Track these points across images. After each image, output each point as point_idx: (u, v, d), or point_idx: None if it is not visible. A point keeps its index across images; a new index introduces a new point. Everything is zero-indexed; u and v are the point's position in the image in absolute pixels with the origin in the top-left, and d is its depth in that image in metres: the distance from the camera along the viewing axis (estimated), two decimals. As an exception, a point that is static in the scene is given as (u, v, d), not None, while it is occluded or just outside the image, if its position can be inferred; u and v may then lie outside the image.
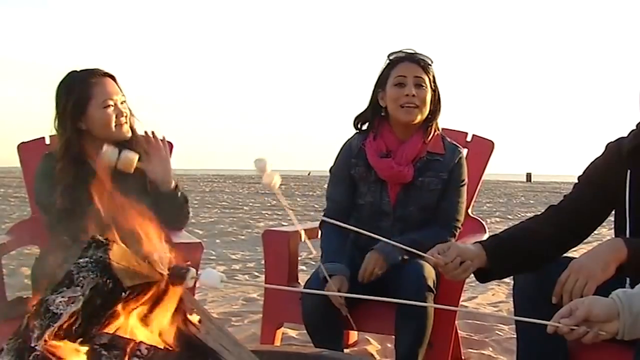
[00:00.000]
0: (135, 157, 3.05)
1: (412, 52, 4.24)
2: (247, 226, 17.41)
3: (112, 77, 4.11)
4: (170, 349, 2.16)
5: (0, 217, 17.97)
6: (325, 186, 4.50)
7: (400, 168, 4.19)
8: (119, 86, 4.14)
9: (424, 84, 4.16)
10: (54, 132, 4.50)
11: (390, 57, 4.26)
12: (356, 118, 4.44)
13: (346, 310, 3.92)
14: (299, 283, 4.71)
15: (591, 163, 3.55)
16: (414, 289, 3.89)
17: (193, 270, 2.42)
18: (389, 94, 4.20)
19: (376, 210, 4.31)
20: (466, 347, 5.56)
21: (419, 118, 4.20)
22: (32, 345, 2.02)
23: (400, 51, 4.25)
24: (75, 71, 4.11)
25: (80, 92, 4.03)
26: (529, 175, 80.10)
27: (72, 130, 4.07)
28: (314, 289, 3.94)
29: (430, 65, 4.23)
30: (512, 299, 3.55)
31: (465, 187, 4.37)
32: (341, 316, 3.96)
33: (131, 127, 4.19)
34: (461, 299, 4.49)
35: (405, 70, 4.16)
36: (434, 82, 4.24)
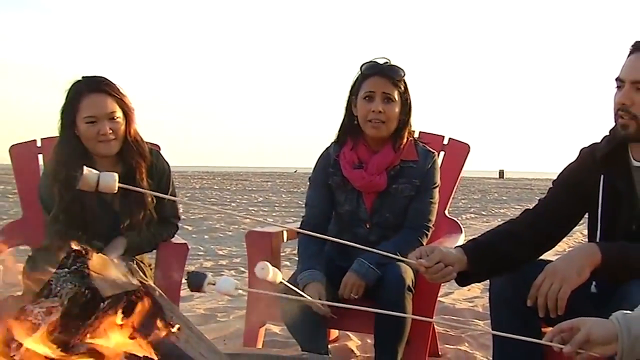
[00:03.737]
0: (115, 177, 2.98)
1: (384, 63, 4.17)
2: (234, 222, 17.41)
3: (106, 90, 4.01)
4: (150, 357, 2.08)
5: (-1, 214, 18.11)
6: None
7: (371, 178, 4.18)
8: (119, 98, 4.05)
9: (392, 99, 4.11)
10: (46, 135, 4.66)
11: (362, 69, 4.20)
12: (339, 130, 4.39)
13: (329, 312, 3.85)
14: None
15: (565, 168, 3.55)
16: (394, 289, 3.90)
17: (210, 276, 2.63)
18: (359, 107, 4.17)
19: (354, 218, 4.30)
20: (443, 342, 5.52)
21: (385, 133, 4.16)
22: (12, 355, 2.01)
23: (372, 62, 4.18)
24: (79, 80, 4.05)
25: (71, 104, 4.00)
26: (501, 172, 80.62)
27: (68, 134, 4.06)
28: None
29: (402, 77, 4.16)
30: (487, 294, 3.54)
31: (438, 189, 4.34)
32: (323, 316, 3.88)
33: (128, 138, 4.13)
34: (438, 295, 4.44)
35: (374, 86, 4.10)
36: (405, 92, 4.19)
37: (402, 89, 4.16)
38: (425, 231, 4.23)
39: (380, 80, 4.10)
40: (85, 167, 3.03)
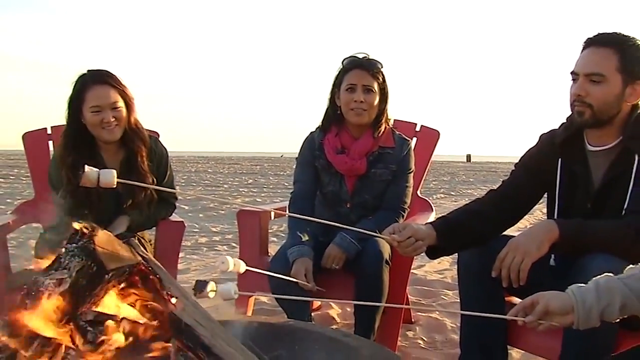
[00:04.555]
0: (114, 173, 3.00)
1: (364, 57, 4.21)
2: (227, 202, 17.38)
3: (109, 82, 4.02)
4: (149, 324, 2.09)
5: (12, 194, 18.31)
6: (295, 166, 4.47)
7: (353, 162, 4.21)
8: (119, 87, 4.06)
9: (372, 89, 4.14)
10: (56, 123, 4.72)
11: (344, 63, 4.23)
12: (323, 119, 4.39)
13: (314, 286, 3.86)
14: (268, 256, 4.64)
15: (526, 152, 3.55)
16: (373, 262, 3.92)
17: (212, 283, 2.70)
18: (342, 97, 4.20)
19: (336, 198, 4.32)
20: (415, 311, 5.53)
21: (366, 120, 4.19)
22: (24, 324, 2.01)
23: (352, 57, 4.22)
24: (84, 73, 4.06)
25: (78, 94, 4.02)
26: (468, 157, 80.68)
27: (74, 122, 4.07)
28: (279, 266, 3.92)
29: (380, 70, 4.19)
30: (455, 267, 3.54)
31: (412, 174, 4.37)
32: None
33: (129, 126, 4.14)
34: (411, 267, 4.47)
35: (355, 78, 4.14)
36: (383, 83, 4.21)
37: (381, 80, 4.18)
38: (401, 212, 4.26)
39: (360, 73, 4.13)
40: (86, 166, 3.02)
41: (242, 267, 3.05)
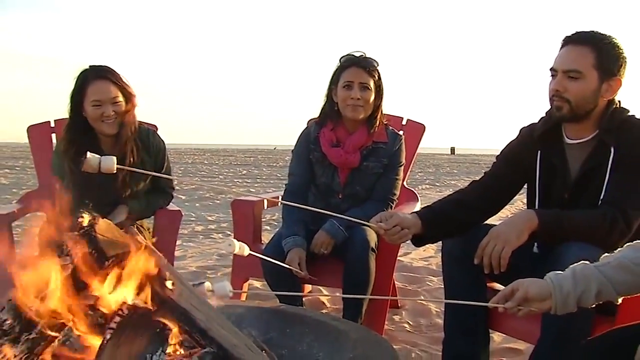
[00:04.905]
0: (114, 160, 3.04)
1: (360, 56, 4.21)
2: (222, 192, 17.37)
3: (108, 78, 4.04)
4: (148, 307, 2.09)
5: (18, 184, 18.38)
6: (287, 158, 4.52)
7: (347, 156, 4.22)
8: (119, 83, 4.07)
9: (368, 87, 4.14)
10: (59, 117, 4.78)
11: (341, 61, 4.23)
12: (320, 113, 4.40)
13: (307, 275, 3.91)
14: (262, 243, 4.69)
15: (507, 145, 3.56)
16: (360, 250, 3.94)
17: (208, 283, 2.87)
18: (339, 94, 4.20)
19: (329, 189, 4.33)
20: (402, 295, 5.54)
21: (362, 115, 4.19)
22: (31, 305, 2.06)
23: (350, 55, 4.22)
24: (86, 69, 4.08)
25: (79, 88, 4.04)
26: (453, 149, 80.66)
27: (76, 114, 4.09)
28: (272, 253, 3.95)
29: (376, 68, 4.19)
30: (440, 254, 3.56)
31: (402, 167, 4.39)
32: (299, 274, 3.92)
33: (126, 121, 4.13)
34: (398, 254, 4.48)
35: (353, 76, 4.13)
36: (379, 80, 4.21)
37: (376, 77, 4.18)
38: (390, 203, 4.28)
39: (357, 71, 4.13)
40: (88, 152, 3.03)
41: (246, 250, 3.10)
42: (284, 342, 2.75)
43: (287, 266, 3.85)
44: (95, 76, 4.02)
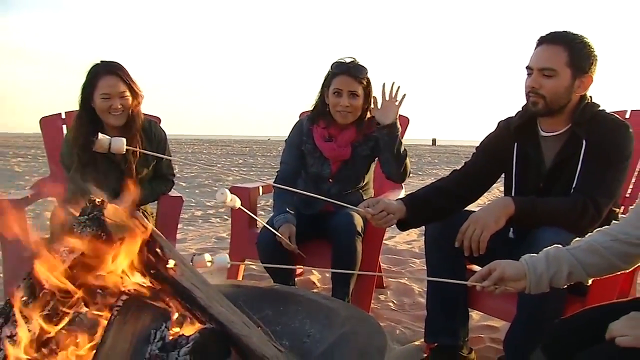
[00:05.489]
0: (124, 141, 3.05)
1: (351, 62, 4.16)
2: (220, 180, 17.38)
3: (118, 74, 4.05)
4: (151, 286, 2.11)
5: (30, 172, 18.40)
6: (280, 149, 4.52)
7: (339, 150, 4.23)
8: (126, 79, 4.08)
9: (357, 94, 4.12)
10: (69, 109, 4.82)
11: (333, 67, 4.18)
12: (312, 111, 4.37)
13: (296, 249, 3.90)
14: (257, 227, 4.66)
15: (486, 137, 3.57)
16: (346, 234, 3.93)
17: (208, 255, 2.92)
18: (330, 99, 4.18)
19: (319, 178, 4.32)
20: (386, 276, 5.53)
21: (351, 119, 4.18)
22: (42, 285, 2.06)
23: (340, 62, 4.16)
24: (98, 63, 4.10)
25: (90, 81, 4.05)
26: (434, 140, 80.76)
27: (85, 105, 4.09)
28: (267, 236, 3.97)
29: (364, 75, 4.14)
30: (423, 238, 3.58)
31: None
32: (290, 255, 3.92)
33: (133, 114, 4.14)
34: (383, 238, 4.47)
35: (342, 84, 4.10)
36: (367, 86, 4.17)
37: (365, 83, 4.14)
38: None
39: (346, 79, 4.09)
40: (100, 133, 3.03)
41: (237, 202, 3.08)
42: (278, 319, 2.76)
43: (279, 234, 3.86)
44: (106, 71, 4.03)
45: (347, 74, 4.10)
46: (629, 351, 1.82)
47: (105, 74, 4.01)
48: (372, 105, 4.03)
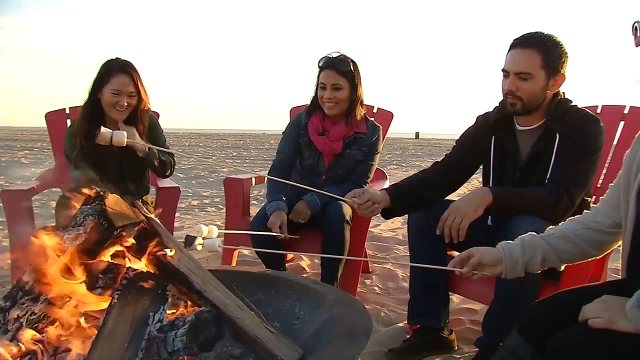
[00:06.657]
0: (125, 135, 3.04)
1: (334, 57, 4.16)
2: (215, 171, 17.36)
3: (131, 74, 4.03)
4: (151, 272, 2.11)
5: (36, 164, 18.33)
6: (273, 142, 4.51)
7: (331, 143, 4.22)
8: (136, 81, 4.06)
9: (341, 87, 4.12)
10: (73, 105, 4.84)
11: (318, 63, 4.20)
12: (310, 104, 4.36)
13: (287, 236, 3.87)
14: (250, 216, 4.64)
15: (465, 130, 3.58)
16: (336, 222, 3.94)
17: (200, 238, 2.86)
18: (318, 93, 4.21)
19: (314, 171, 4.32)
20: (372, 262, 5.58)
21: (337, 111, 4.18)
22: (46, 269, 2.09)
23: (325, 57, 4.17)
24: (112, 59, 4.09)
25: (103, 75, 4.03)
26: (417, 134, 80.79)
27: (93, 97, 4.07)
28: (260, 224, 3.95)
29: (348, 68, 4.13)
30: (406, 226, 3.60)
31: (378, 155, 4.39)
32: (281, 242, 3.88)
33: (136, 111, 4.12)
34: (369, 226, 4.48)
35: (325, 78, 4.12)
36: (353, 78, 4.16)
37: (350, 76, 4.13)
38: (364, 185, 4.25)
39: (330, 73, 4.11)
40: (102, 127, 3.02)
41: (215, 231, 3.06)
42: (269, 302, 2.77)
43: (267, 233, 3.81)
44: (119, 69, 4.02)
45: (330, 67, 4.11)
46: (601, 332, 1.83)
47: (119, 72, 4.00)
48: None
